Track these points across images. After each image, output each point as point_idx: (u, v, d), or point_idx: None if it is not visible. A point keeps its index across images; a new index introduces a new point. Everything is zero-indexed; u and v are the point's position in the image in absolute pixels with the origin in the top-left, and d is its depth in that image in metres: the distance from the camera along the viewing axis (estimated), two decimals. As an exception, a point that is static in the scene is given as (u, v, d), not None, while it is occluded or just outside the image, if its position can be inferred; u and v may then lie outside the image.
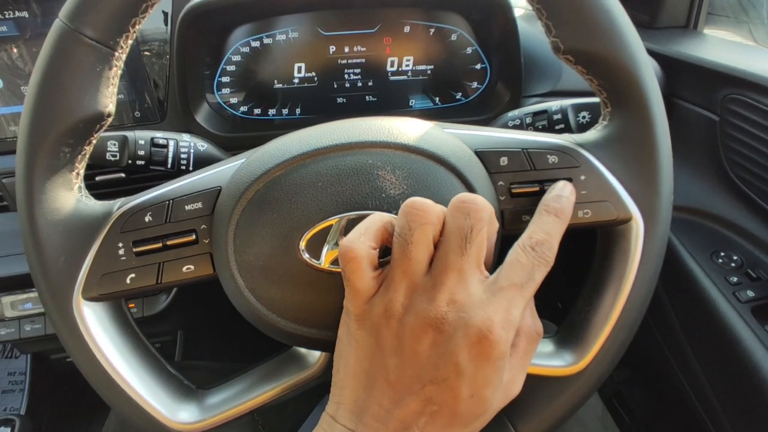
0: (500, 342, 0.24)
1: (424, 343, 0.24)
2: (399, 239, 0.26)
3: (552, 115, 0.49)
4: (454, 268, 0.25)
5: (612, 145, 0.32)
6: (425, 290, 0.25)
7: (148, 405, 0.31)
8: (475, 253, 0.25)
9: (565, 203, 0.29)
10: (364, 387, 0.26)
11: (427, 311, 0.24)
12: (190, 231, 0.31)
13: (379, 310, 0.25)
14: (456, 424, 0.25)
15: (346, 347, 0.27)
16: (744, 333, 0.45)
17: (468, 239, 0.25)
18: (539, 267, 0.26)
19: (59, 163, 0.30)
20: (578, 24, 0.29)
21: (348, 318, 0.27)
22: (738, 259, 0.50)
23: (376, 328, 0.26)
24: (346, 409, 0.26)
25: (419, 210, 0.25)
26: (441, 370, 0.24)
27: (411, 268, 0.25)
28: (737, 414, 0.48)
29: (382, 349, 0.25)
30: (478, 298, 0.25)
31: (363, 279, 0.26)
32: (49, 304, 0.30)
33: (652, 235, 0.31)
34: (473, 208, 0.25)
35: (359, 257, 0.25)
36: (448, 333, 0.24)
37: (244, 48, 0.56)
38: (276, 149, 0.31)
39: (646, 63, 0.30)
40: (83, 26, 0.27)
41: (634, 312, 0.32)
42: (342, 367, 0.27)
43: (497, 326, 0.24)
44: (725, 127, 0.51)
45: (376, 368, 0.25)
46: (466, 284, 0.25)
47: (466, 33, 0.58)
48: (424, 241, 0.25)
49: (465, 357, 0.24)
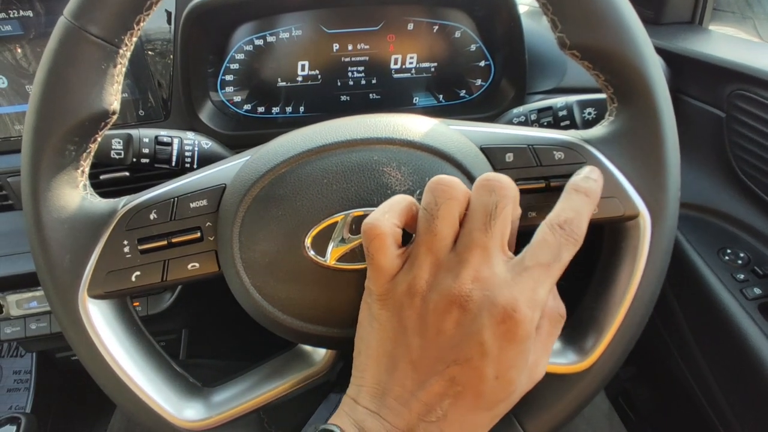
0: (525, 322, 0.23)
1: (449, 322, 0.24)
2: (425, 214, 0.25)
3: (557, 112, 0.48)
4: (478, 245, 0.24)
5: (618, 141, 0.31)
6: (449, 268, 0.24)
7: (154, 403, 0.31)
8: (500, 231, 0.25)
9: (593, 184, 0.28)
10: (386, 369, 0.25)
11: (451, 288, 0.24)
12: (195, 228, 0.31)
13: (403, 288, 0.25)
14: (480, 406, 0.24)
15: (367, 329, 0.26)
16: (751, 330, 0.45)
17: (492, 216, 0.25)
18: (567, 246, 0.25)
19: (64, 161, 0.30)
20: (584, 19, 0.29)
21: (370, 299, 0.26)
22: (745, 256, 0.50)
23: (399, 307, 0.25)
24: (368, 392, 0.25)
25: (446, 186, 0.25)
26: (465, 349, 0.23)
27: (436, 244, 0.25)
28: (744, 411, 0.48)
29: (405, 328, 0.25)
30: (503, 277, 0.24)
31: (387, 256, 0.25)
32: (55, 302, 0.30)
33: (660, 231, 0.31)
34: (498, 186, 0.25)
35: (384, 234, 0.25)
36: (472, 312, 0.23)
37: (248, 46, 0.56)
38: (281, 146, 0.31)
39: (654, 58, 0.30)
40: (88, 24, 0.27)
41: (641, 309, 0.32)
42: (363, 349, 0.26)
43: (523, 306, 0.23)
44: (731, 123, 0.51)
45: (399, 349, 0.25)
46: (491, 263, 0.24)
47: (469, 30, 0.58)
48: (449, 216, 0.25)
49: (490, 336, 0.23)
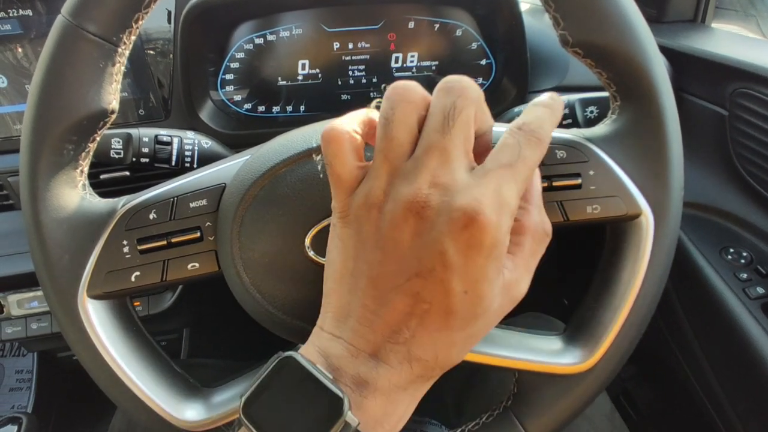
0: (490, 226, 0.21)
1: (405, 232, 0.22)
2: (381, 120, 0.23)
3: (559, 111, 0.48)
4: (436, 147, 0.22)
5: (621, 140, 0.31)
6: (406, 174, 0.22)
7: (154, 403, 0.31)
8: (460, 133, 0.22)
9: (553, 98, 0.25)
10: (349, 290, 0.24)
11: (406, 195, 0.22)
12: (195, 228, 0.31)
13: (360, 201, 0.23)
14: (451, 325, 0.22)
15: (333, 251, 0.25)
16: (754, 330, 0.44)
17: (451, 117, 0.22)
18: (529, 145, 0.23)
19: (63, 161, 0.29)
20: (587, 16, 0.28)
21: (334, 218, 0.25)
22: (747, 255, 0.49)
23: (358, 222, 0.23)
24: (332, 316, 0.24)
25: (402, 89, 0.23)
26: (425, 260, 0.21)
27: (392, 151, 0.23)
28: (746, 411, 0.48)
29: (364, 244, 0.23)
30: (463, 181, 0.22)
31: (345, 164, 0.24)
32: (54, 303, 0.30)
33: (663, 230, 0.31)
34: (458, 86, 0.23)
35: (341, 138, 0.23)
36: (430, 219, 0.21)
37: (248, 45, 0.56)
38: (280, 146, 0.31)
39: (657, 56, 0.29)
40: (86, 22, 0.27)
41: (644, 309, 0.31)
42: (330, 274, 0.25)
43: (486, 208, 0.21)
44: (734, 121, 0.51)
45: (359, 267, 0.23)
46: (451, 167, 0.22)
47: (471, 28, 0.57)
48: (405, 120, 0.23)
49: (451, 245, 0.21)
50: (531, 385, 0.32)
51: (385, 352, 0.23)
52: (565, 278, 0.79)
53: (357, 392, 0.22)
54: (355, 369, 0.23)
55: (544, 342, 0.33)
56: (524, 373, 0.32)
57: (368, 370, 0.23)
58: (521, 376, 0.32)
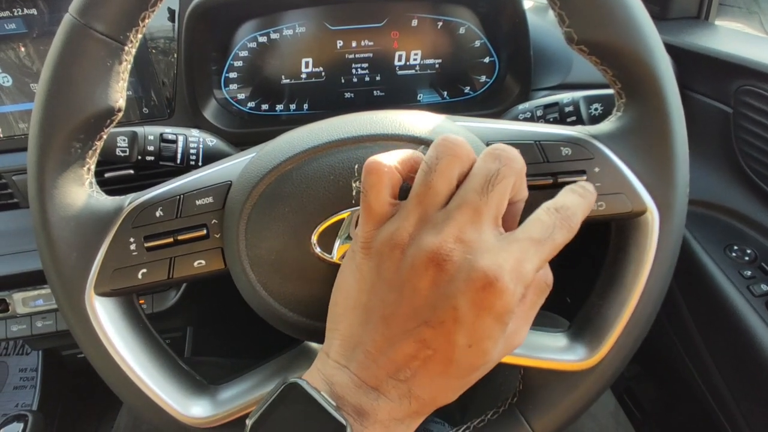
0: (506, 293, 0.22)
1: (425, 280, 0.23)
2: (424, 166, 0.24)
3: (563, 108, 0.48)
4: (470, 205, 0.23)
5: (626, 137, 0.31)
6: (435, 223, 0.23)
7: (161, 400, 0.31)
8: (496, 200, 0.23)
9: (588, 189, 0.27)
10: (359, 321, 0.24)
11: (431, 244, 0.23)
12: (201, 226, 0.31)
13: (385, 237, 0.24)
14: (450, 373, 0.23)
15: (348, 278, 0.26)
16: (758, 327, 0.44)
17: (492, 182, 0.23)
18: (561, 228, 0.24)
19: (70, 159, 0.30)
20: (592, 14, 0.28)
21: (356, 246, 0.26)
22: (752, 252, 0.49)
23: (379, 257, 0.24)
24: (340, 345, 0.25)
25: (450, 143, 0.24)
26: (438, 311, 0.22)
27: (428, 198, 0.24)
28: (751, 409, 0.48)
29: (382, 281, 0.24)
30: (489, 243, 0.23)
31: (379, 198, 0.24)
32: (62, 300, 0.31)
33: (668, 227, 0.31)
34: (505, 156, 0.24)
35: (382, 171, 0.24)
36: (450, 273, 0.22)
37: (251, 43, 0.56)
38: (287, 143, 0.31)
39: (662, 53, 0.29)
40: (93, 21, 0.27)
41: (649, 306, 0.31)
42: (341, 300, 0.26)
43: (506, 275, 0.22)
44: (738, 119, 0.51)
45: (374, 302, 0.24)
46: (479, 227, 0.23)
47: (474, 26, 0.57)
48: (447, 173, 0.24)
49: (465, 302, 0.22)
50: (536, 381, 0.32)
51: (387, 387, 0.24)
52: (568, 276, 0.79)
53: (358, 421, 0.24)
54: (358, 399, 0.24)
55: (550, 339, 0.33)
56: (530, 370, 0.32)
57: (370, 402, 0.24)
58: (527, 372, 0.33)
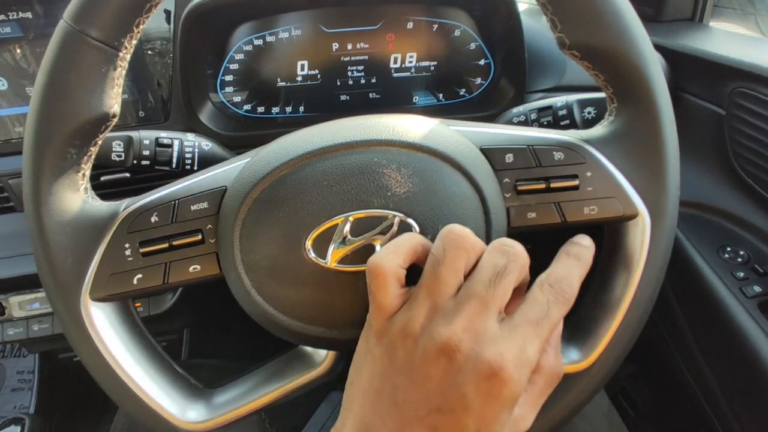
0: (511, 381, 0.23)
1: (436, 369, 0.24)
2: (432, 258, 0.26)
3: (557, 111, 0.48)
4: (478, 298, 0.25)
5: (618, 141, 0.31)
6: (445, 314, 0.25)
7: (157, 404, 0.31)
8: (502, 292, 0.25)
9: (584, 251, 0.28)
10: (372, 404, 0.26)
11: (441, 335, 0.24)
12: (196, 231, 0.31)
13: (398, 328, 0.26)
14: None
15: (362, 361, 0.27)
16: (751, 328, 0.45)
17: (499, 276, 0.25)
18: (556, 304, 0.25)
19: (66, 165, 0.30)
20: (584, 19, 0.29)
21: (369, 332, 0.27)
22: (745, 254, 0.50)
23: (392, 345, 0.26)
24: (353, 425, 0.26)
25: (456, 236, 0.26)
26: (448, 399, 0.24)
27: (437, 290, 0.25)
28: (743, 409, 0.48)
29: (395, 368, 0.25)
30: (493, 332, 0.24)
31: (388, 296, 0.26)
32: (58, 305, 0.31)
33: (659, 231, 0.31)
34: (512, 252, 0.26)
35: (386, 274, 0.26)
36: (459, 362, 0.24)
37: (247, 46, 0.56)
38: (281, 148, 0.31)
39: (653, 58, 0.30)
40: (88, 27, 0.27)
41: (641, 308, 0.32)
42: (356, 380, 0.27)
43: (509, 364, 0.23)
44: (732, 121, 0.51)
45: (386, 387, 0.26)
46: (486, 317, 0.25)
47: (469, 28, 0.58)
48: (455, 265, 0.26)
49: (473, 390, 0.23)
50: None
51: None
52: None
53: None
54: None
55: None
56: None
57: None
58: None
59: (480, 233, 0.30)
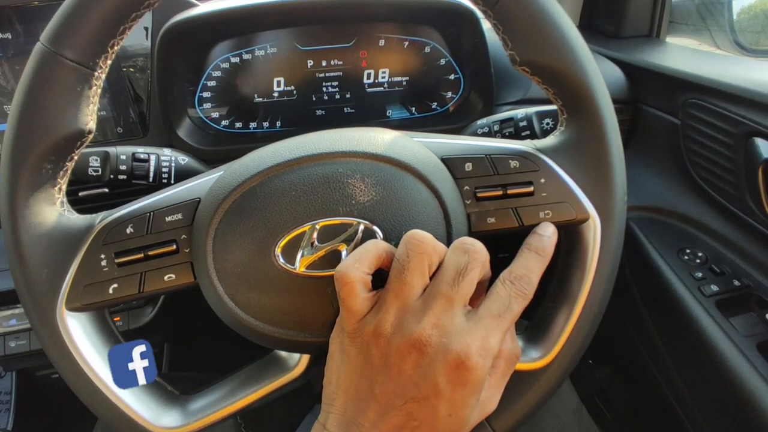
0: (477, 368, 0.26)
1: (408, 363, 0.26)
2: (397, 264, 0.28)
3: (518, 123, 0.51)
4: (444, 296, 0.27)
5: (568, 150, 0.34)
6: (414, 313, 0.27)
7: (132, 411, 0.32)
8: (466, 288, 0.28)
9: (546, 242, 0.31)
10: (353, 399, 0.28)
11: (412, 332, 0.27)
12: (171, 241, 0.32)
13: (370, 329, 0.28)
14: None
15: (338, 362, 0.29)
16: (709, 326, 0.47)
17: (462, 274, 0.28)
18: (516, 298, 0.28)
19: (42, 179, 0.31)
20: (531, 38, 0.31)
21: (342, 334, 0.29)
22: (702, 255, 0.52)
23: (366, 345, 0.28)
24: (336, 419, 0.28)
25: (419, 241, 0.28)
26: (422, 388, 0.26)
27: (404, 292, 0.28)
28: (706, 404, 0.50)
29: (371, 365, 0.28)
30: (459, 326, 0.27)
31: (356, 301, 0.28)
32: (34, 316, 0.31)
33: (609, 232, 0.33)
34: (472, 250, 0.28)
35: (353, 282, 0.28)
36: (429, 355, 0.26)
37: (225, 64, 0.57)
38: (252, 161, 0.33)
39: (596, 72, 0.32)
40: (63, 49, 0.28)
41: (595, 306, 0.34)
42: (334, 380, 0.29)
43: (474, 353, 0.26)
44: (686, 130, 0.54)
45: (364, 383, 0.28)
46: (452, 312, 0.27)
47: (439, 45, 0.60)
48: (419, 268, 0.28)
49: (443, 379, 0.26)
50: None
51: None
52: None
53: None
54: None
55: None
56: None
57: None
58: None
59: (441, 238, 0.31)
